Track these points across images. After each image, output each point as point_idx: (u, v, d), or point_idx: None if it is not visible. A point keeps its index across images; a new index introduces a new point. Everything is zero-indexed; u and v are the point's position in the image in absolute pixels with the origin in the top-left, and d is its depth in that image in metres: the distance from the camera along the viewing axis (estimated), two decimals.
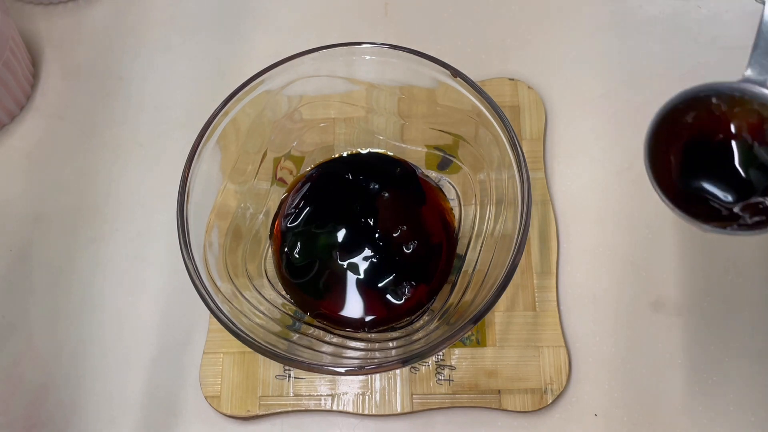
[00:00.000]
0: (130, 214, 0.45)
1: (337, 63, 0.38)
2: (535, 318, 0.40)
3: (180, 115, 0.48)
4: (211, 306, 0.32)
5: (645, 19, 0.49)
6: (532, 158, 0.44)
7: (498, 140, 0.35)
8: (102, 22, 0.52)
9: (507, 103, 0.46)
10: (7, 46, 0.45)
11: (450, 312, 0.36)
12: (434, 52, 0.36)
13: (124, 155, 0.47)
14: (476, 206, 0.40)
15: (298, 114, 0.41)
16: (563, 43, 0.49)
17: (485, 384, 0.39)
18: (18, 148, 0.48)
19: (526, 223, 0.33)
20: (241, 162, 0.39)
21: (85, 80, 0.50)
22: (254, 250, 0.40)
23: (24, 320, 0.43)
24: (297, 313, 0.39)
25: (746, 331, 0.40)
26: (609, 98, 0.47)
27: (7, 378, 0.41)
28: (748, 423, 0.38)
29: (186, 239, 0.33)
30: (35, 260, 0.44)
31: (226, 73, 0.49)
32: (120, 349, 0.42)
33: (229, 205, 0.38)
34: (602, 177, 0.45)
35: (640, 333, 0.40)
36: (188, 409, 0.40)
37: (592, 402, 0.39)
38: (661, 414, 0.39)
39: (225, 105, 0.36)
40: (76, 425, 0.40)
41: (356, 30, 0.51)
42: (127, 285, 0.43)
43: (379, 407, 0.39)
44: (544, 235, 0.42)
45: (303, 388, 0.39)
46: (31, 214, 0.45)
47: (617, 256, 0.42)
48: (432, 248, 0.40)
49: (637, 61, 0.48)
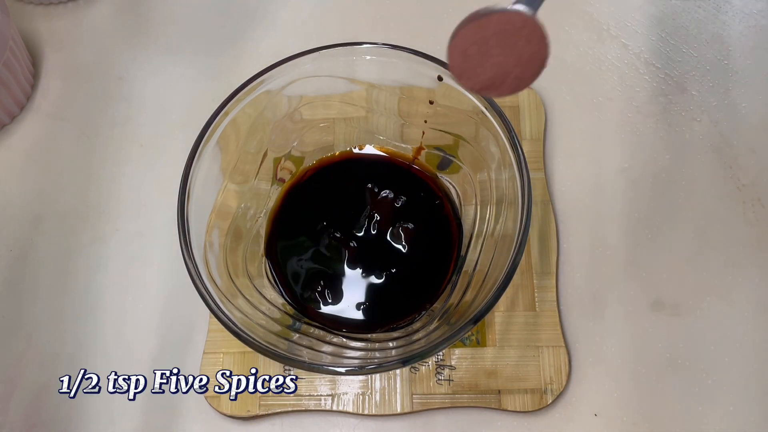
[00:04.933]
0: (130, 214, 0.45)
1: (337, 63, 0.38)
2: (535, 318, 0.40)
3: (180, 116, 0.48)
4: (212, 306, 0.32)
5: (645, 19, 0.49)
6: (532, 158, 0.44)
7: (498, 140, 0.35)
8: (102, 22, 0.52)
9: (507, 103, 0.46)
10: (7, 46, 0.45)
11: (450, 312, 0.36)
12: (434, 52, 0.36)
13: (124, 155, 0.47)
14: (476, 206, 0.40)
15: (298, 114, 0.41)
16: (563, 43, 0.49)
17: (485, 384, 0.39)
18: (18, 148, 0.48)
19: (526, 223, 0.33)
20: (241, 162, 0.39)
21: (85, 80, 0.50)
22: (254, 250, 0.40)
23: (24, 320, 0.43)
24: (297, 313, 0.39)
25: (746, 331, 0.40)
26: (609, 98, 0.47)
27: (7, 378, 0.41)
28: (748, 423, 0.38)
29: (186, 239, 0.33)
30: (35, 260, 0.44)
31: (226, 74, 0.49)
32: (120, 349, 0.42)
33: (229, 206, 0.38)
34: (602, 177, 0.45)
35: (640, 333, 0.40)
36: (188, 409, 0.40)
37: (592, 402, 0.39)
38: (661, 414, 0.39)
39: (225, 105, 0.36)
40: (76, 425, 0.40)
41: (356, 30, 0.51)
42: (127, 285, 0.43)
43: (379, 407, 0.39)
44: (544, 235, 0.42)
45: (303, 388, 0.39)
46: (31, 214, 0.45)
47: (617, 256, 0.42)
48: (432, 246, 0.40)
49: (637, 61, 0.48)
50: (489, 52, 0.28)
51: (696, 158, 0.45)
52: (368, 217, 0.40)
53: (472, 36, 0.28)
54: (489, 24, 0.28)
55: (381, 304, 0.39)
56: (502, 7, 0.28)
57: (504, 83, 0.29)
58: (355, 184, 0.41)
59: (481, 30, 0.28)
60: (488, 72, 0.29)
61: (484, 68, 0.29)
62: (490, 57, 0.28)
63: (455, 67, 0.29)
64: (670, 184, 0.44)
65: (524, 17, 0.27)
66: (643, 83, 0.47)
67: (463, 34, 0.28)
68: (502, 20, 0.28)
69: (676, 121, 0.46)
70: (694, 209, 0.43)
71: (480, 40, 0.28)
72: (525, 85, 0.29)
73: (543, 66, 0.28)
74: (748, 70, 0.47)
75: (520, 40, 0.28)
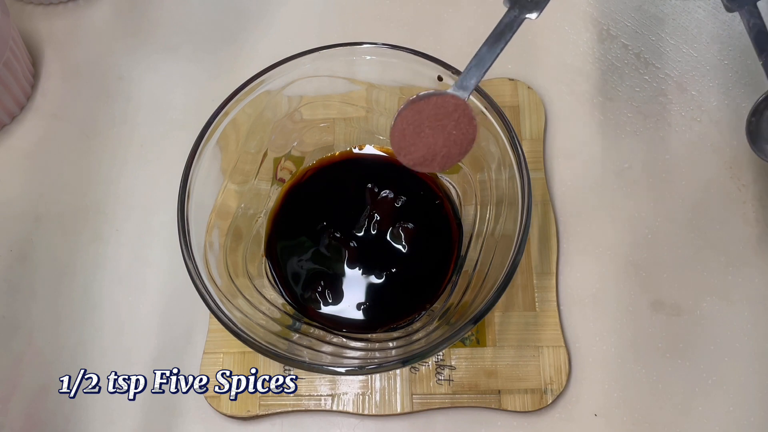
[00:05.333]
0: (130, 214, 0.45)
1: (337, 63, 0.38)
2: (535, 318, 0.40)
3: (180, 116, 0.48)
4: (212, 306, 0.32)
5: (645, 19, 0.49)
6: (532, 158, 0.44)
7: (498, 140, 0.35)
8: (102, 22, 0.52)
9: (507, 103, 0.46)
10: (7, 46, 0.45)
11: (450, 312, 0.36)
12: (434, 52, 0.36)
13: (124, 155, 0.47)
14: (476, 206, 0.40)
15: (298, 114, 0.41)
16: (563, 43, 0.49)
17: (485, 384, 0.39)
18: (18, 148, 0.48)
19: (526, 223, 0.33)
20: (241, 162, 0.39)
21: (85, 80, 0.50)
22: (255, 250, 0.40)
23: (24, 320, 0.43)
24: (297, 313, 0.39)
25: (746, 331, 0.40)
26: (609, 98, 0.47)
27: (7, 378, 0.41)
28: (748, 423, 0.38)
29: (186, 239, 0.33)
30: (35, 260, 0.44)
31: (226, 74, 0.49)
32: (120, 349, 0.42)
33: (229, 206, 0.38)
34: (602, 177, 0.45)
35: (640, 333, 0.40)
36: (188, 409, 0.40)
37: (592, 402, 0.39)
38: (661, 414, 0.39)
39: (225, 105, 0.36)
40: (76, 425, 0.40)
41: (356, 30, 0.50)
42: (127, 285, 0.43)
43: (379, 407, 0.39)
44: (544, 235, 0.42)
45: (303, 388, 0.39)
46: (31, 214, 0.45)
47: (617, 256, 0.42)
48: (433, 246, 0.40)
49: (637, 61, 0.48)
50: (422, 133, 0.32)
51: (696, 158, 0.45)
52: (368, 217, 0.40)
53: (410, 117, 0.32)
54: (426, 106, 0.32)
55: (381, 304, 0.39)
56: (439, 91, 0.32)
57: (434, 161, 0.32)
58: (355, 184, 0.41)
59: (418, 112, 0.32)
60: (420, 151, 0.32)
61: (417, 147, 0.32)
62: (422, 137, 0.32)
63: (394, 145, 0.32)
64: (670, 184, 0.44)
65: (457, 101, 0.32)
66: (643, 83, 0.47)
67: (403, 115, 0.32)
68: (438, 104, 0.32)
69: (676, 121, 0.46)
70: (694, 209, 0.43)
71: (416, 122, 0.32)
72: (453, 162, 0.32)
73: (470, 146, 0.32)
74: (748, 70, 0.47)
75: (450, 123, 0.32)
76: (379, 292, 0.39)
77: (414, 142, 0.32)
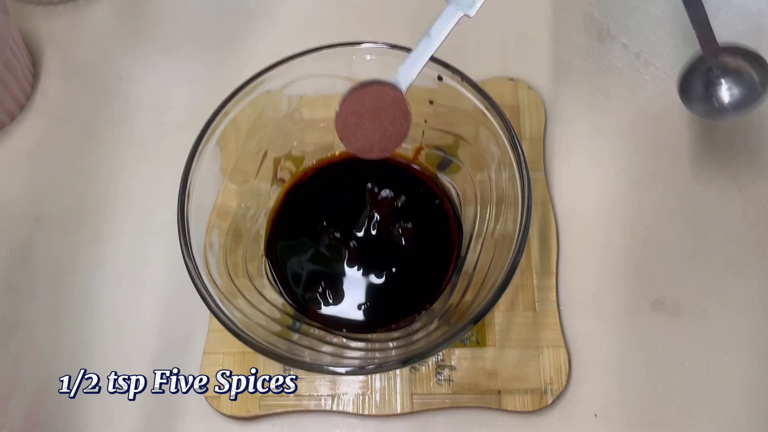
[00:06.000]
0: (130, 214, 0.45)
1: (337, 63, 0.38)
2: (535, 318, 0.40)
3: (180, 115, 0.48)
4: (212, 306, 0.32)
5: (645, 19, 0.49)
6: (532, 158, 0.44)
7: (498, 140, 0.35)
8: (102, 22, 0.52)
9: (507, 103, 0.46)
10: (7, 46, 0.45)
11: (450, 312, 0.36)
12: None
13: (124, 155, 0.47)
14: (476, 206, 0.40)
15: (298, 114, 0.41)
16: (563, 43, 0.49)
17: (485, 384, 0.39)
18: (18, 148, 0.48)
19: (526, 223, 0.33)
20: (241, 162, 0.39)
21: (85, 80, 0.50)
22: (255, 250, 0.40)
23: (24, 320, 0.43)
24: (297, 313, 0.39)
25: (746, 331, 0.40)
26: (609, 98, 0.47)
27: (7, 378, 0.41)
28: (747, 423, 0.38)
29: (186, 239, 0.33)
30: (35, 260, 0.44)
31: (226, 74, 0.49)
32: (120, 349, 0.42)
33: (229, 205, 0.38)
34: (602, 177, 0.45)
35: (640, 333, 0.40)
36: (188, 409, 0.40)
37: (592, 402, 0.39)
38: (661, 414, 0.39)
39: (225, 105, 0.36)
40: (76, 425, 0.40)
41: (356, 30, 0.50)
42: (127, 285, 0.43)
43: (379, 407, 0.39)
44: (544, 235, 0.42)
45: (303, 389, 0.39)
46: (31, 214, 0.45)
47: (617, 256, 0.42)
48: (433, 247, 0.40)
49: (637, 61, 0.48)
50: (362, 125, 0.34)
51: (696, 158, 0.45)
52: (368, 217, 0.40)
53: (353, 107, 0.34)
54: (368, 96, 0.34)
55: (381, 305, 0.39)
56: (380, 80, 0.33)
57: (372, 151, 0.35)
58: (355, 184, 0.41)
59: (360, 103, 0.34)
60: (360, 142, 0.35)
61: (356, 138, 0.35)
62: (362, 130, 0.35)
63: (339, 132, 0.35)
64: (669, 184, 0.44)
65: (395, 94, 0.33)
66: (643, 83, 0.47)
67: (348, 102, 0.34)
68: (378, 94, 0.34)
69: (676, 121, 0.46)
70: (694, 209, 0.43)
71: (357, 113, 0.34)
72: (389, 153, 0.35)
73: (403, 139, 0.34)
74: None
75: (387, 118, 0.34)
76: (379, 292, 0.39)
77: (354, 133, 0.35)
